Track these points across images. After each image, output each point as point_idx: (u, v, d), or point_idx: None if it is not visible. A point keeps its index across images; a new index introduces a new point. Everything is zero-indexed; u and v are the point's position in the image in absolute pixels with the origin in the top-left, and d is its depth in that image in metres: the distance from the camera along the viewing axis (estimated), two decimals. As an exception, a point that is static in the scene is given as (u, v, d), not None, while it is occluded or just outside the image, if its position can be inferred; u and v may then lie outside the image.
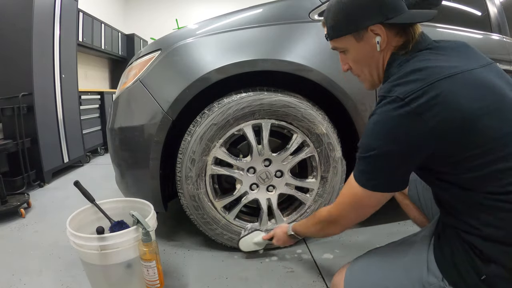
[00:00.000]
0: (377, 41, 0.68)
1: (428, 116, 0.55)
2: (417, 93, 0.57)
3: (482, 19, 1.65)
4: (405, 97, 0.57)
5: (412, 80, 0.59)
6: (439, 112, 0.55)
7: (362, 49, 0.72)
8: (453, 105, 0.55)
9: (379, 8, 0.67)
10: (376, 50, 0.70)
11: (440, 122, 0.55)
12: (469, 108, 0.55)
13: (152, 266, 0.95)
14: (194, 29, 1.28)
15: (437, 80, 0.57)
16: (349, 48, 0.74)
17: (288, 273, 1.18)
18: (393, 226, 1.50)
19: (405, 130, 0.58)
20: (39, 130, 2.34)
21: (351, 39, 0.72)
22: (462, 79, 0.58)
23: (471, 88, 0.57)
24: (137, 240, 0.95)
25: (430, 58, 0.62)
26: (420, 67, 0.61)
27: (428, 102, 0.56)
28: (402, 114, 0.57)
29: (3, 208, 1.74)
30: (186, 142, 1.19)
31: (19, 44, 2.24)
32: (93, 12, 3.95)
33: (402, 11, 0.67)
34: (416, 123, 0.56)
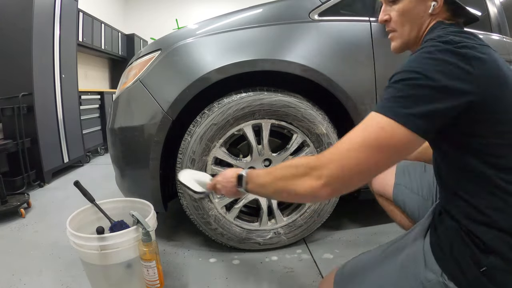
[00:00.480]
0: (433, 4, 0.68)
1: (477, 64, 0.54)
2: (470, 44, 0.56)
3: (482, 19, 1.65)
4: (458, 42, 0.56)
5: (465, 36, 0.59)
6: (487, 67, 0.55)
7: (415, 3, 0.69)
8: (498, 65, 0.56)
9: None
10: (427, 12, 0.68)
11: (485, 75, 0.54)
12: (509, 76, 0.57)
13: (152, 266, 0.94)
14: (194, 29, 1.28)
15: (485, 45, 0.58)
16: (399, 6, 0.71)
17: (288, 273, 1.18)
18: (393, 226, 1.50)
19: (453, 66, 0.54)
20: (39, 130, 2.34)
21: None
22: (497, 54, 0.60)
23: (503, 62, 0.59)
24: (137, 240, 0.95)
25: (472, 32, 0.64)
26: (468, 31, 0.63)
27: (479, 55, 0.55)
28: (454, 51, 0.55)
29: (3, 208, 1.74)
30: (186, 142, 1.19)
31: (19, 44, 2.24)
32: (93, 12, 3.95)
33: None
34: (464, 65, 0.54)
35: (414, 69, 0.55)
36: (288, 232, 1.32)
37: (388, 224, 1.52)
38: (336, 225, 1.53)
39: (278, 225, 1.31)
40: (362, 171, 0.55)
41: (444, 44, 0.56)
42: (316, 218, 1.32)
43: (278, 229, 1.31)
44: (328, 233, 1.46)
